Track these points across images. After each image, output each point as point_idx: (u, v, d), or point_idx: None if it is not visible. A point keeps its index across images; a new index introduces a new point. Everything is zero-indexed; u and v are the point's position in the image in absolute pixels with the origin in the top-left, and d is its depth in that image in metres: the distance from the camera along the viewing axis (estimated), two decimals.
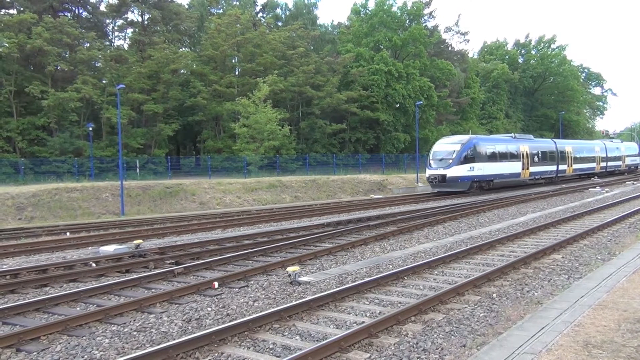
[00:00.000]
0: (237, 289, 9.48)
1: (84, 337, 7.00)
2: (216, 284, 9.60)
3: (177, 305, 8.55)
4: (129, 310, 8.18)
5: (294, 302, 8.03)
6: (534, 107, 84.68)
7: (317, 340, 6.62)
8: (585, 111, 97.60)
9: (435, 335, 6.78)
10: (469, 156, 31.45)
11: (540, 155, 38.95)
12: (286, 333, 7.02)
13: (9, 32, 37.59)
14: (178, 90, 44.25)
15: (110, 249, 13.60)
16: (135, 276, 10.56)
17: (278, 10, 65.68)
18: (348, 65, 53.09)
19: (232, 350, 6.39)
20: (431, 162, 32.38)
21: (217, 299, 8.86)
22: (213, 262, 11.85)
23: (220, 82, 45.59)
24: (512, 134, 40.06)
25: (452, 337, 6.75)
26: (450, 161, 31.12)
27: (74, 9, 47.40)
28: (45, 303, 8.60)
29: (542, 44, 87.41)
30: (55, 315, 8.18)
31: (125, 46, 49.96)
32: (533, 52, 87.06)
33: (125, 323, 7.61)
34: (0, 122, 36.97)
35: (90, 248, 14.85)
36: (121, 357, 6.10)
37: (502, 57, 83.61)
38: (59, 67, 39.81)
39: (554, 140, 43.60)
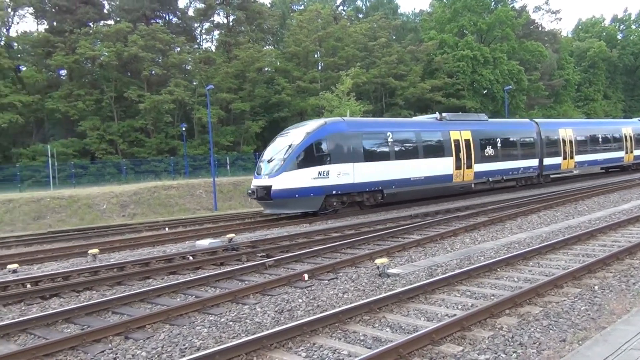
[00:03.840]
0: (326, 281, 9.60)
1: (185, 327, 7.38)
2: (306, 276, 9.78)
3: (269, 296, 8.80)
4: (224, 301, 8.52)
5: (384, 294, 8.02)
6: (637, 86, 78.56)
7: (408, 333, 6.57)
8: None
9: (532, 329, 6.52)
10: (320, 153, 19.41)
11: (499, 144, 26.26)
12: (376, 325, 7.03)
13: (108, 42, 40.32)
14: (263, 88, 45.39)
15: (205, 242, 14.24)
16: (229, 269, 10.97)
17: (358, 2, 65.53)
18: (431, 53, 51.93)
19: (323, 341, 6.49)
20: (260, 165, 20.34)
21: (307, 290, 9.02)
22: (302, 254, 12.06)
23: (303, 77, 46.17)
24: (437, 115, 25.84)
25: (551, 331, 6.46)
26: (282, 163, 19.12)
27: (164, 15, 49.93)
28: (148, 294, 9.15)
29: None
30: (158, 305, 8.68)
31: (213, 48, 51.98)
32: (633, 26, 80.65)
33: (221, 313, 7.93)
34: (103, 126, 39.79)
35: (187, 242, 15.59)
36: (219, 345, 6.38)
37: (599, 34, 78.16)
38: (153, 72, 42.20)
39: (536, 120, 30.84)
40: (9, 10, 43.94)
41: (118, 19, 45.97)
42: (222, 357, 5.82)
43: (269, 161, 19.80)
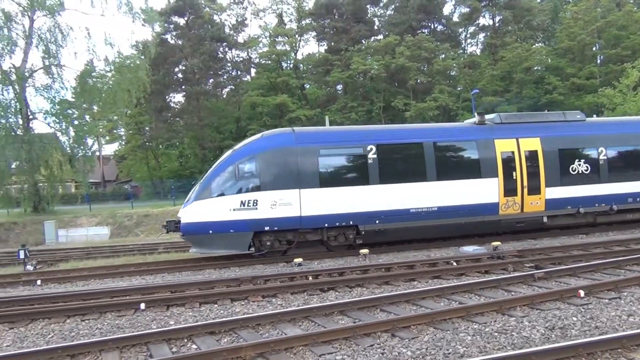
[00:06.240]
0: (606, 300, 8.58)
1: (448, 332, 7.41)
2: (582, 293, 8.90)
3: (538, 310, 8.26)
4: (489, 310, 8.30)
5: None
6: None
7: None
8: None
9: None
10: (245, 177, 14.82)
11: (603, 156, 17.28)
12: None
13: (377, 55, 43.21)
14: (532, 89, 43.02)
15: (469, 249, 14.22)
16: (494, 277, 10.65)
17: None
18: None
19: None
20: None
21: (583, 308, 8.20)
22: (577, 268, 11.02)
23: (578, 74, 42.30)
24: (476, 117, 17.93)
25: None
26: (197, 189, 15.31)
27: (430, 24, 51.15)
28: (413, 296, 9.43)
29: None
30: (422, 307, 8.88)
31: (477, 51, 51.24)
32: None
33: (485, 323, 7.74)
34: None
35: (451, 248, 15.68)
36: (484, 355, 6.25)
37: None
38: (418, 81, 43.66)
39: None
40: (297, 36, 50.68)
41: (387, 33, 48.80)
42: None
43: (194, 187, 16.10)
